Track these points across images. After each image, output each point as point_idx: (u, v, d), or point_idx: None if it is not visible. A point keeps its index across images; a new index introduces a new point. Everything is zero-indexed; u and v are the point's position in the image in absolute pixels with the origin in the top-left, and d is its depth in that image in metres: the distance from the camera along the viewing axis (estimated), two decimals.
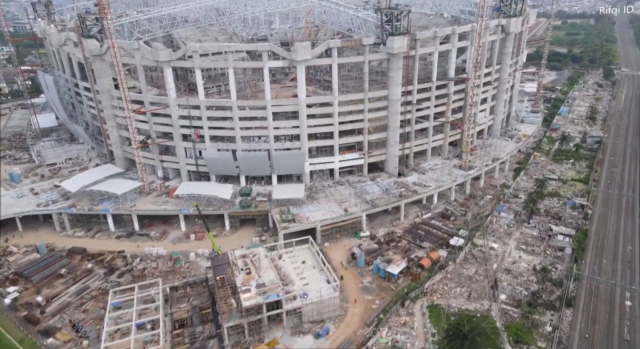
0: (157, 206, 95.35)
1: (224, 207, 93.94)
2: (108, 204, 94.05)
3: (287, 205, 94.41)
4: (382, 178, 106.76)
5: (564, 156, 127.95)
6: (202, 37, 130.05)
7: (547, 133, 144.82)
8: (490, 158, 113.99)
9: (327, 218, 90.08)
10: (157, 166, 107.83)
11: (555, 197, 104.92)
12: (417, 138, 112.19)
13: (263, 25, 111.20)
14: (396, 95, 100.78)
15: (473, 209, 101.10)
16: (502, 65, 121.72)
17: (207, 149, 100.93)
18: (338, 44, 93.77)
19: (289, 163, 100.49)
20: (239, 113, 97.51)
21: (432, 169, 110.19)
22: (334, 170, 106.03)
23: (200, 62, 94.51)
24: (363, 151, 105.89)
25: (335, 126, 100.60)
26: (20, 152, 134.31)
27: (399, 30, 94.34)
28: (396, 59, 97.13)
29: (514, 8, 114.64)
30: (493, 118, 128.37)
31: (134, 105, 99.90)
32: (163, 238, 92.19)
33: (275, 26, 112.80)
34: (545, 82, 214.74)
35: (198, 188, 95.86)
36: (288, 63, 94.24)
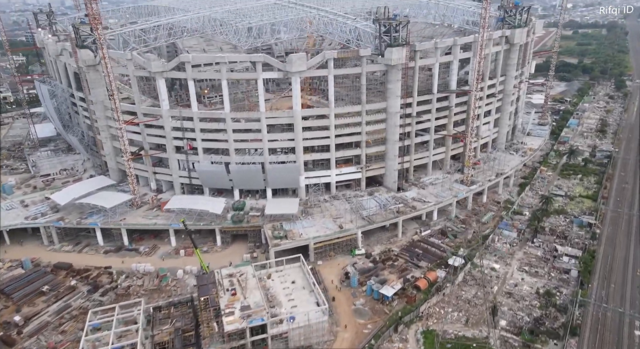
0: (147, 220, 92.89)
1: (216, 222, 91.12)
2: (97, 218, 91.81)
3: (280, 220, 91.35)
4: (381, 192, 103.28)
5: (571, 171, 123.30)
6: (206, 46, 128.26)
7: (554, 146, 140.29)
8: (493, 173, 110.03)
9: (320, 235, 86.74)
10: (150, 178, 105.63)
11: (562, 215, 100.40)
12: (418, 151, 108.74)
13: (268, 34, 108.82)
14: (395, 108, 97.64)
15: (474, 226, 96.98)
16: (506, 76, 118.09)
17: (200, 161, 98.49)
18: (334, 55, 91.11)
19: (283, 177, 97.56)
20: (233, 125, 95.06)
21: (432, 184, 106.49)
22: (331, 184, 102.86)
23: (193, 73, 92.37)
24: (361, 165, 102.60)
25: (331, 139, 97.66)
26: (18, 161, 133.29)
27: (397, 41, 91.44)
28: (395, 71, 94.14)
29: (518, 19, 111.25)
30: (497, 131, 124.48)
31: (128, 116, 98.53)
32: (152, 254, 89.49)
33: (280, 36, 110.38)
34: (554, 93, 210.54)
35: (189, 202, 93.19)
36: (283, 75, 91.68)
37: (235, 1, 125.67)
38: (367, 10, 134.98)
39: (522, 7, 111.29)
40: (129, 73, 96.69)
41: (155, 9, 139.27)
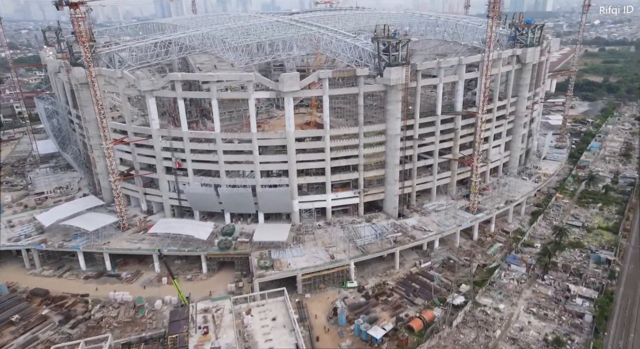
0: (132, 244, 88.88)
1: (202, 248, 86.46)
2: (80, 241, 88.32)
3: (269, 248, 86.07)
4: (379, 219, 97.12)
5: (590, 199, 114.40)
6: (217, 63, 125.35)
7: (573, 171, 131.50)
8: (503, 200, 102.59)
9: (309, 266, 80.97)
10: (141, 199, 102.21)
11: (577, 248, 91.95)
12: (421, 175, 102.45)
13: (266, 52, 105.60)
14: (395, 130, 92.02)
15: (479, 259, 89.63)
16: (518, 97, 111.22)
17: (189, 183, 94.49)
18: (329, 75, 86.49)
19: (275, 201, 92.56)
20: (223, 146, 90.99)
21: (436, 210, 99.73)
22: (326, 209, 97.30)
23: (183, 93, 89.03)
24: (358, 189, 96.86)
25: (327, 162, 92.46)
26: (20, 178, 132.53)
27: (397, 60, 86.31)
28: (394, 91, 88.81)
29: (530, 37, 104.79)
30: (509, 154, 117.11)
31: (119, 135, 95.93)
32: (134, 280, 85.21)
33: (280, 53, 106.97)
34: (575, 113, 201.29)
35: (175, 226, 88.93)
36: (275, 95, 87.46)
37: (237, 18, 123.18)
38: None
39: (534, 25, 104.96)
40: (119, 92, 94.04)
41: (162, 26, 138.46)
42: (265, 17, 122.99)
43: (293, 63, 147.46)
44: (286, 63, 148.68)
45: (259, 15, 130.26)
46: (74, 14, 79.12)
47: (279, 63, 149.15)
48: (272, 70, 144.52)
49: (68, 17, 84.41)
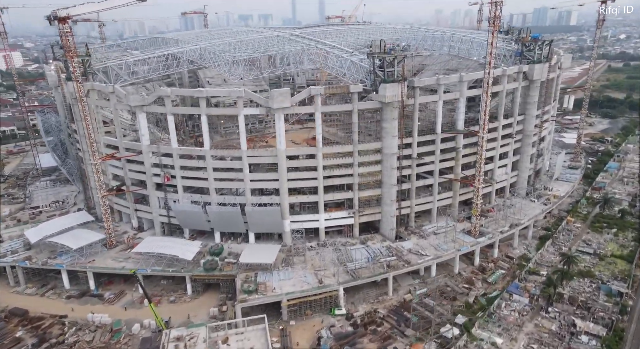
0: (117, 263, 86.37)
1: (187, 268, 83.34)
2: (65, 258, 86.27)
3: (257, 270, 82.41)
4: (375, 241, 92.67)
5: (605, 223, 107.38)
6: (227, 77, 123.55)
7: (587, 193, 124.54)
8: (507, 223, 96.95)
9: (295, 291, 76.85)
10: (132, 215, 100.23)
11: (587, 278, 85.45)
12: (420, 196, 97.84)
13: (261, 67, 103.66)
14: (391, 148, 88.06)
15: (479, 287, 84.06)
16: (526, 115, 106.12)
17: (179, 200, 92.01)
18: (321, 91, 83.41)
19: (264, 221, 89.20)
20: (213, 163, 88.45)
21: (435, 233, 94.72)
22: (319, 230, 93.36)
23: (172, 108, 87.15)
24: (353, 209, 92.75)
25: (319, 180, 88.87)
26: (22, 191, 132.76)
27: (392, 76, 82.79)
28: (390, 108, 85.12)
29: (538, 53, 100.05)
30: (517, 175, 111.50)
31: (112, 150, 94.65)
32: (116, 301, 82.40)
33: (276, 69, 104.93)
34: (594, 131, 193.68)
35: (160, 245, 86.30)
36: (265, 111, 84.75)
37: (239, 33, 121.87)
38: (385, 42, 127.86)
39: (542, 40, 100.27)
40: (110, 106, 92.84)
41: (166, 40, 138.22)
42: (266, 32, 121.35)
43: (303, 78, 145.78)
44: (296, 77, 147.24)
45: (261, 30, 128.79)
46: (62, 28, 78.10)
47: (289, 78, 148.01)
48: (281, 85, 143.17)
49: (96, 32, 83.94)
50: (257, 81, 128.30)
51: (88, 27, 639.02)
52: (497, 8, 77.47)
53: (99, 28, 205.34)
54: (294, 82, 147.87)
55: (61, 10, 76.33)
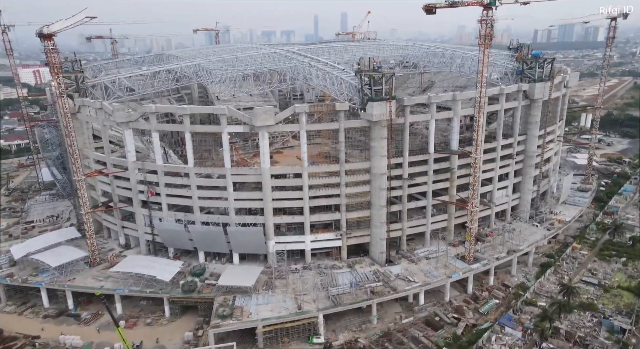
0: (97, 281, 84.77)
1: (165, 290, 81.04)
2: (46, 276, 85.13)
3: (236, 293, 79.53)
4: (363, 265, 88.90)
5: (614, 251, 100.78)
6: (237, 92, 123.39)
7: (597, 217, 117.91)
8: (505, 249, 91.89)
9: (272, 317, 73.52)
10: (119, 232, 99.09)
11: (589, 311, 79.49)
12: (413, 218, 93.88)
13: (251, 85, 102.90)
14: (380, 169, 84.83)
15: (470, 317, 79.01)
16: (527, 135, 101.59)
17: (163, 218, 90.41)
18: (305, 109, 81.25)
19: (247, 241, 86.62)
20: (197, 181, 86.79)
21: (428, 257, 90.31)
22: (305, 252, 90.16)
23: (157, 125, 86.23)
24: (341, 231, 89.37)
25: (305, 201, 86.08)
26: (23, 204, 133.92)
27: (380, 95, 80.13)
28: (378, 128, 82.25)
29: (539, 71, 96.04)
30: (519, 197, 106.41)
31: (100, 166, 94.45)
32: (92, 322, 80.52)
33: (266, 86, 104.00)
34: (611, 151, 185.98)
35: (139, 264, 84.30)
36: (250, 129, 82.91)
37: (237, 50, 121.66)
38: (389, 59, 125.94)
39: (542, 59, 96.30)
40: (98, 123, 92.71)
41: (169, 57, 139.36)
42: (264, 49, 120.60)
43: (313, 94, 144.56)
44: (305, 93, 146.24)
45: (260, 46, 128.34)
46: (47, 45, 78.46)
47: (299, 93, 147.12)
48: (290, 100, 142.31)
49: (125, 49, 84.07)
50: (265, 96, 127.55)
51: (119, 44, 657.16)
52: (487, 26, 74.31)
53: (112, 45, 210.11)
54: (303, 97, 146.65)
55: (44, 28, 76.75)
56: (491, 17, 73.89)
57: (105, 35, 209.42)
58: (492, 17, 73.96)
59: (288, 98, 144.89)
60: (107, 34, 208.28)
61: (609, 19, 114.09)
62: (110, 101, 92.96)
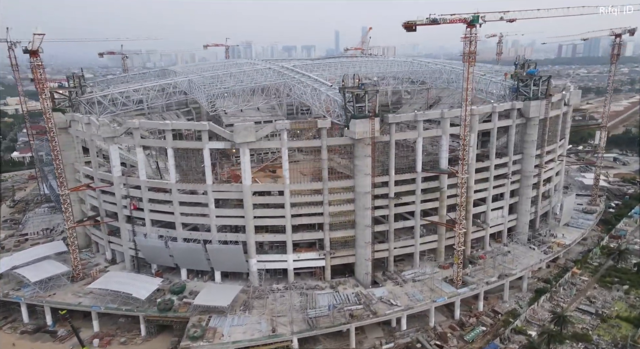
0: (76, 297, 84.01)
1: (141, 308, 79.74)
2: (27, 291, 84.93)
3: (212, 312, 77.67)
4: (347, 286, 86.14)
5: (616, 278, 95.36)
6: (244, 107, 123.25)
7: (602, 241, 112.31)
8: (497, 273, 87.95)
9: (244, 339, 71.29)
10: (105, 247, 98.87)
11: (582, 343, 74.80)
12: (401, 238, 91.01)
13: (239, 100, 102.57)
14: (364, 187, 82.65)
15: (453, 345, 75.14)
16: (524, 155, 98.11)
17: (147, 234, 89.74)
18: (286, 126, 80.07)
19: (227, 259, 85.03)
20: (179, 197, 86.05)
21: (415, 280, 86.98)
22: (288, 271, 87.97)
23: (141, 141, 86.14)
24: (324, 251, 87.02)
25: (287, 219, 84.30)
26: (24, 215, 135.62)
27: (363, 112, 78.46)
28: (362, 145, 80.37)
29: (534, 89, 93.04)
30: (516, 218, 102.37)
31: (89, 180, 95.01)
32: (68, 339, 79.36)
33: (254, 101, 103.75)
34: (625, 171, 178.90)
35: (118, 281, 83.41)
36: (230, 145, 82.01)
37: (230, 65, 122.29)
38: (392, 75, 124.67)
39: (537, 76, 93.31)
40: (85, 137, 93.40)
41: (169, 72, 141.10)
42: (260, 65, 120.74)
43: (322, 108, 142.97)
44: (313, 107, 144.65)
45: (257, 62, 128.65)
46: (34, 61, 79.68)
47: (307, 108, 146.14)
48: (298, 115, 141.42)
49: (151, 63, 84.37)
50: (272, 111, 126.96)
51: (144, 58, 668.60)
52: (471, 44, 72.20)
53: (122, 60, 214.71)
54: (310, 112, 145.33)
55: (29, 44, 78.05)
56: (475, 34, 71.80)
57: (117, 51, 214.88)
58: (475, 34, 71.87)
59: (296, 112, 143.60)
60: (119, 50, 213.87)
61: (612, 36, 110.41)
62: (103, 116, 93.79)
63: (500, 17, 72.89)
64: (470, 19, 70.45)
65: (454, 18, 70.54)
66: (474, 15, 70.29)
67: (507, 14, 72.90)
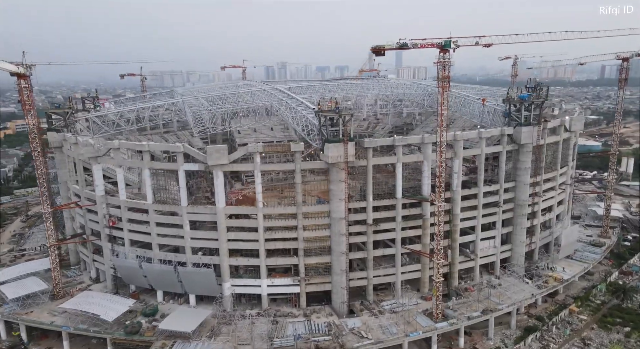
0: (51, 316, 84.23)
1: (110, 330, 79.17)
2: (6, 308, 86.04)
3: (179, 337, 76.20)
4: (322, 314, 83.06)
5: (619, 319, 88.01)
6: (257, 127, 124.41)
7: (610, 277, 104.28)
8: (483, 307, 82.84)
9: None
10: (90, 265, 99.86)
11: None
12: (381, 266, 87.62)
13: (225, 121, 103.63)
14: (339, 213, 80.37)
15: None
16: (517, 183, 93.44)
17: (125, 253, 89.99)
18: (259, 149, 79.29)
19: (199, 282, 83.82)
20: (156, 218, 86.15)
21: (393, 311, 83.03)
22: (262, 297, 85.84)
23: (120, 161, 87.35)
24: (299, 277, 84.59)
25: (260, 243, 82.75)
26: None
27: (337, 136, 76.90)
28: (336, 170, 78.52)
29: (525, 114, 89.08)
30: (511, 249, 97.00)
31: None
32: None
33: (241, 123, 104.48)
34: None
35: (89, 301, 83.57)
36: (204, 167, 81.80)
37: (227, 87, 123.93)
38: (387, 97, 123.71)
39: (530, 101, 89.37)
40: (74, 156, 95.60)
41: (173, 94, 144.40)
42: (256, 87, 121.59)
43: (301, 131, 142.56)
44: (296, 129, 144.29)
45: (254, 83, 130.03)
46: (22, 84, 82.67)
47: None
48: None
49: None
50: (285, 131, 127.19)
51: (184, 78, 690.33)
52: (444, 69, 69.87)
53: (142, 82, 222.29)
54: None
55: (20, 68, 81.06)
56: (448, 59, 69.54)
57: (137, 73, 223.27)
58: (449, 59, 69.59)
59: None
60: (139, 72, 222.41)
61: (619, 60, 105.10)
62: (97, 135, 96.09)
63: (476, 42, 70.47)
64: (442, 43, 68.39)
65: (425, 43, 68.69)
66: (446, 40, 68.24)
67: (483, 38, 70.36)
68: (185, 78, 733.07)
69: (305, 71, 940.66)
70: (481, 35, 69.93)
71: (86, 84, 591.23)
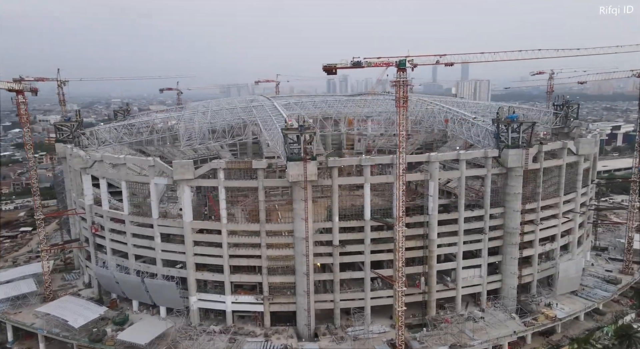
0: (34, 318, 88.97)
1: (77, 336, 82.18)
2: None
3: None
4: (283, 336, 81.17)
5: None
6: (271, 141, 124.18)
7: (622, 318, 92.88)
8: (455, 340, 76.95)
9: None
10: (83, 271, 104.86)
11: None
12: (349, 290, 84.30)
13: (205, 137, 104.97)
14: (300, 232, 78.61)
15: None
16: (506, 209, 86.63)
17: (107, 262, 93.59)
18: (222, 165, 79.71)
19: (164, 294, 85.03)
20: (132, 229, 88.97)
21: (356, 338, 79.32)
22: (226, 313, 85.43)
23: (104, 173, 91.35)
24: (262, 295, 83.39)
25: (225, 259, 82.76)
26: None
27: (298, 154, 75.62)
28: (297, 188, 77.11)
29: (513, 136, 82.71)
30: (501, 280, 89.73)
31: None
32: None
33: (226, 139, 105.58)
34: None
35: (63, 306, 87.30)
36: (173, 181, 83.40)
37: (220, 103, 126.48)
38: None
39: (519, 123, 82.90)
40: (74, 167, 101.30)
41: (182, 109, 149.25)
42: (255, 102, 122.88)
43: (363, 144, 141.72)
44: (356, 143, 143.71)
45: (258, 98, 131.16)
46: (19, 99, 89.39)
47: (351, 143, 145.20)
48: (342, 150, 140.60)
49: None
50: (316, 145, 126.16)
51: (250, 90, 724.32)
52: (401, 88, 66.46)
53: (177, 96, 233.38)
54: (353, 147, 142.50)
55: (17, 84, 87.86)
56: (404, 79, 66.20)
57: (174, 87, 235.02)
58: (405, 79, 66.23)
59: (340, 147, 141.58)
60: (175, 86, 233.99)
61: (632, 75, 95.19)
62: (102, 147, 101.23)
63: (437, 60, 66.75)
64: (397, 62, 65.39)
65: (380, 61, 65.98)
66: (401, 59, 65.17)
67: (444, 57, 66.45)
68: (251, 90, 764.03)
69: (365, 83, 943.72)
70: (442, 53, 66.02)
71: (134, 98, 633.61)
